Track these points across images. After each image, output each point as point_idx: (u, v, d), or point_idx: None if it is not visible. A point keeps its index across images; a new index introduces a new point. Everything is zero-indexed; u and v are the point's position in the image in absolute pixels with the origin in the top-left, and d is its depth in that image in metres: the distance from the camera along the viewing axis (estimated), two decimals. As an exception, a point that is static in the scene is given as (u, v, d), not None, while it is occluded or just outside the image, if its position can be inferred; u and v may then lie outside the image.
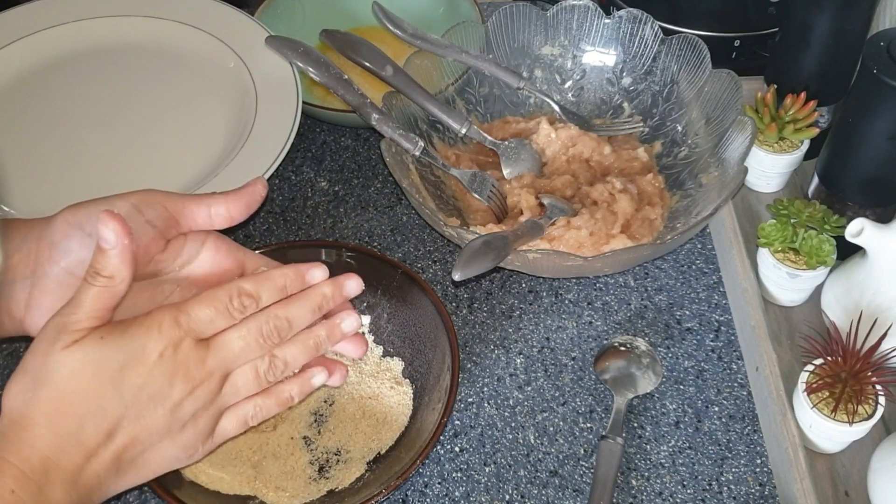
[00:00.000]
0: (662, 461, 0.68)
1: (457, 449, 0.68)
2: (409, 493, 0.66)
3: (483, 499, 0.66)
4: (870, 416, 0.64)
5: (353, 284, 0.58)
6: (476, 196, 0.79)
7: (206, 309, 0.51)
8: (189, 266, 0.58)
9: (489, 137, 0.83)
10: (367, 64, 0.83)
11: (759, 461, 0.68)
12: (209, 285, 0.57)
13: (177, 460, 0.53)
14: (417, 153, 0.78)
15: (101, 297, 0.49)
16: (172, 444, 0.52)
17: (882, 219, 0.71)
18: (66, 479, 0.48)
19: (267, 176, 0.77)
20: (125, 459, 0.50)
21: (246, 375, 0.53)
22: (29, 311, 0.54)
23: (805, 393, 0.65)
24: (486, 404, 0.71)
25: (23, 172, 0.81)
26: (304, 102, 0.84)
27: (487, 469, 0.67)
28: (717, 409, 0.71)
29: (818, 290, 0.75)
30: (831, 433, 0.65)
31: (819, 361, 0.66)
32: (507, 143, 0.83)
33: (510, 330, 0.76)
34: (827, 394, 0.65)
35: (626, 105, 0.88)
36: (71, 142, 0.84)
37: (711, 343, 0.75)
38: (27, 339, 0.53)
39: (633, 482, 0.67)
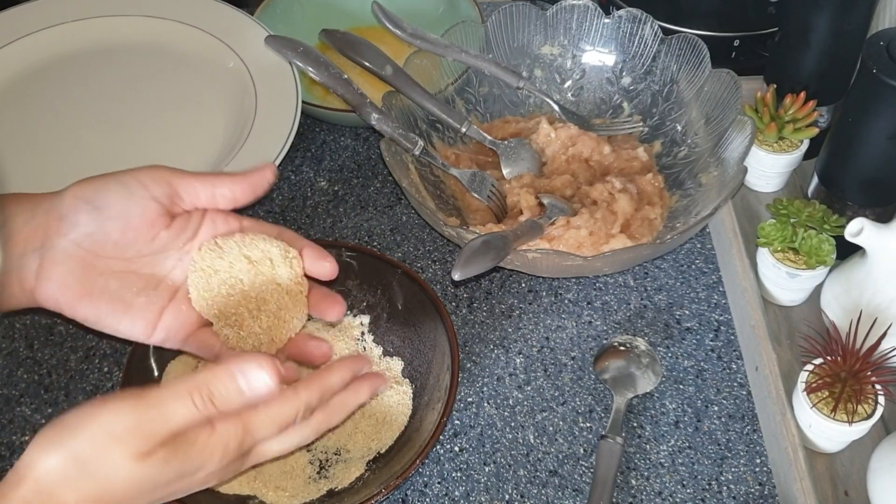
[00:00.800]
0: (662, 461, 0.68)
1: (456, 448, 0.68)
2: (408, 492, 0.66)
3: (483, 498, 0.66)
4: (869, 416, 0.64)
5: (385, 385, 0.62)
6: (476, 196, 0.79)
7: (272, 430, 0.50)
8: (190, 243, 0.58)
9: (489, 137, 0.83)
10: (367, 63, 0.83)
11: (758, 461, 0.68)
12: None
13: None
14: (417, 153, 0.78)
15: (193, 420, 0.47)
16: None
17: (881, 218, 0.71)
18: None
19: (267, 176, 0.77)
20: None
21: (272, 453, 0.53)
22: (39, 281, 0.55)
23: (804, 392, 0.65)
24: (485, 404, 0.71)
25: (23, 171, 0.81)
26: (303, 102, 0.84)
27: (487, 469, 0.67)
28: (716, 408, 0.71)
29: (818, 290, 0.75)
30: (831, 433, 0.65)
31: (818, 361, 0.66)
32: (506, 142, 0.83)
33: (510, 329, 0.76)
34: (826, 393, 0.65)
35: (625, 105, 0.88)
36: (71, 141, 0.84)
37: (711, 343, 0.75)
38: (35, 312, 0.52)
39: (633, 482, 0.67)
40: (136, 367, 0.67)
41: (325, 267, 0.60)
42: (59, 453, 0.45)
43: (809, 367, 0.66)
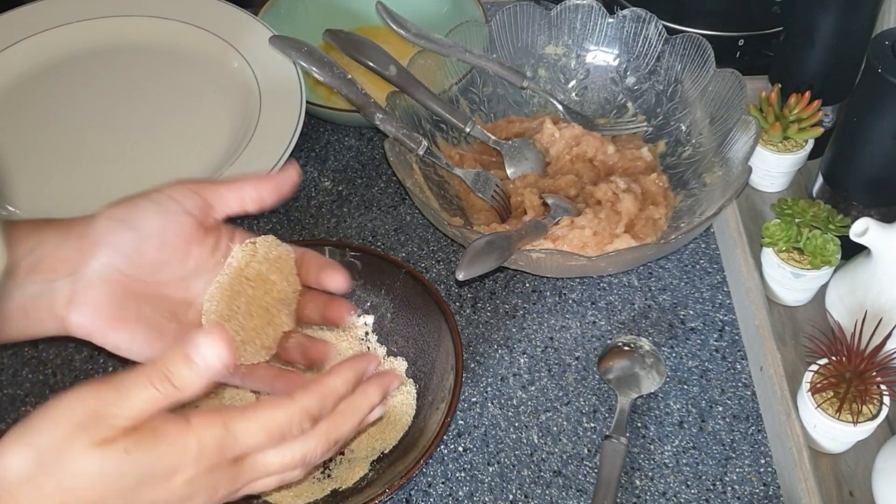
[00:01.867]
0: (666, 461, 0.68)
1: (460, 449, 0.68)
2: (412, 492, 0.66)
3: (487, 498, 0.66)
4: (874, 416, 0.64)
5: (395, 385, 0.55)
6: (479, 196, 0.79)
7: (261, 436, 0.46)
8: (220, 266, 0.58)
9: (493, 137, 0.83)
10: (371, 63, 0.83)
11: (763, 461, 0.68)
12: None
13: None
14: (421, 153, 0.78)
15: (155, 404, 0.44)
16: None
17: (886, 218, 0.71)
18: None
19: (271, 176, 0.77)
20: None
21: (273, 466, 0.49)
22: (72, 306, 0.54)
23: (809, 393, 0.65)
24: (489, 404, 0.71)
25: (27, 172, 0.81)
26: (307, 102, 0.84)
27: (491, 469, 0.67)
28: (720, 408, 0.71)
29: (822, 290, 0.75)
30: (835, 433, 0.65)
31: (823, 361, 0.66)
32: (510, 142, 0.83)
33: (514, 330, 0.76)
34: (831, 394, 0.65)
35: (629, 104, 0.88)
36: (75, 141, 0.84)
37: (715, 343, 0.75)
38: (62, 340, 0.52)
39: (637, 482, 0.67)
40: (140, 367, 0.67)
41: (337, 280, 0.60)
42: (21, 450, 0.43)
43: (814, 367, 0.66)
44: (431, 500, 0.66)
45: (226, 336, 0.44)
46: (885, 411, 0.64)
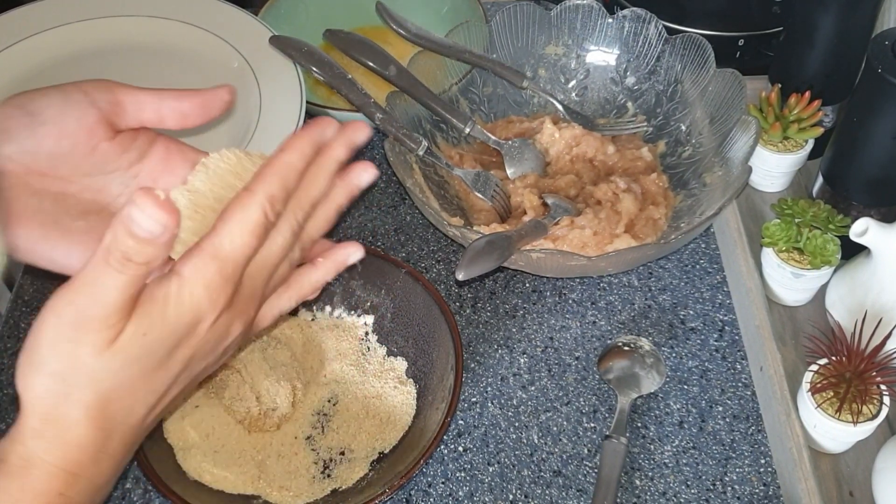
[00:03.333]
0: (666, 461, 0.68)
1: (460, 448, 0.68)
2: (412, 492, 0.66)
3: (487, 498, 0.66)
4: (874, 416, 0.64)
5: (362, 136, 0.52)
6: (479, 196, 0.79)
7: (248, 241, 0.45)
8: (137, 165, 0.52)
9: (493, 137, 0.83)
10: (371, 64, 0.83)
11: (763, 461, 0.68)
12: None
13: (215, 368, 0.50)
14: (421, 153, 0.78)
15: (131, 286, 0.42)
16: (216, 363, 0.49)
17: (886, 218, 0.71)
18: (113, 454, 0.45)
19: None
20: (172, 401, 0.48)
21: (283, 268, 0.50)
22: None
23: (809, 393, 0.65)
24: (489, 404, 0.71)
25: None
26: (307, 102, 0.84)
27: (491, 469, 0.67)
28: (721, 408, 0.71)
29: (822, 290, 0.75)
30: (835, 433, 0.65)
31: (823, 361, 0.66)
32: (510, 142, 0.83)
33: (514, 330, 0.76)
34: (831, 394, 0.65)
35: (629, 104, 0.88)
36: (75, 142, 0.84)
37: (715, 343, 0.75)
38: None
39: (637, 482, 0.67)
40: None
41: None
42: (39, 377, 0.43)
43: (814, 367, 0.66)
44: (431, 500, 0.66)
45: (158, 201, 0.41)
46: (885, 411, 0.64)
